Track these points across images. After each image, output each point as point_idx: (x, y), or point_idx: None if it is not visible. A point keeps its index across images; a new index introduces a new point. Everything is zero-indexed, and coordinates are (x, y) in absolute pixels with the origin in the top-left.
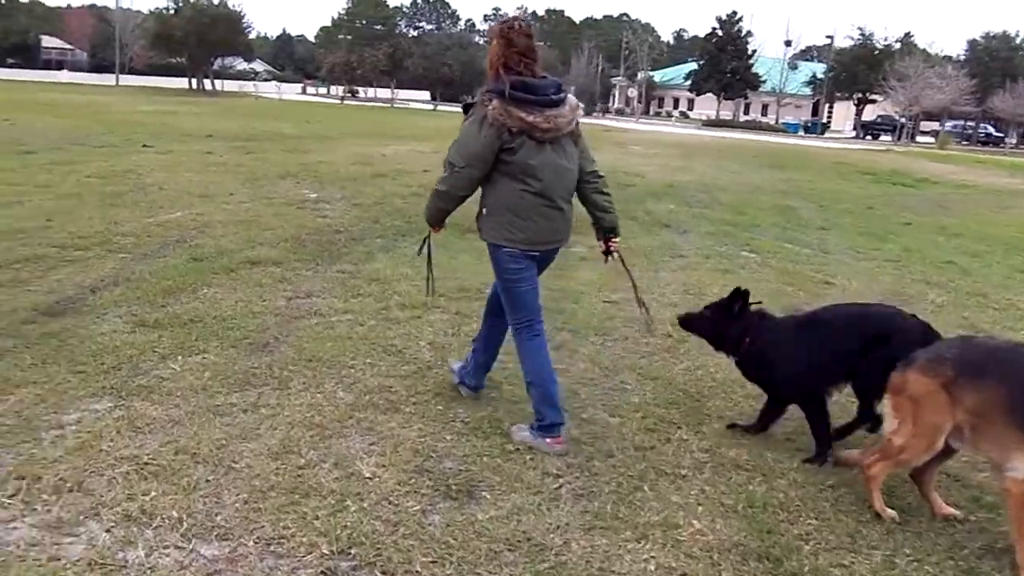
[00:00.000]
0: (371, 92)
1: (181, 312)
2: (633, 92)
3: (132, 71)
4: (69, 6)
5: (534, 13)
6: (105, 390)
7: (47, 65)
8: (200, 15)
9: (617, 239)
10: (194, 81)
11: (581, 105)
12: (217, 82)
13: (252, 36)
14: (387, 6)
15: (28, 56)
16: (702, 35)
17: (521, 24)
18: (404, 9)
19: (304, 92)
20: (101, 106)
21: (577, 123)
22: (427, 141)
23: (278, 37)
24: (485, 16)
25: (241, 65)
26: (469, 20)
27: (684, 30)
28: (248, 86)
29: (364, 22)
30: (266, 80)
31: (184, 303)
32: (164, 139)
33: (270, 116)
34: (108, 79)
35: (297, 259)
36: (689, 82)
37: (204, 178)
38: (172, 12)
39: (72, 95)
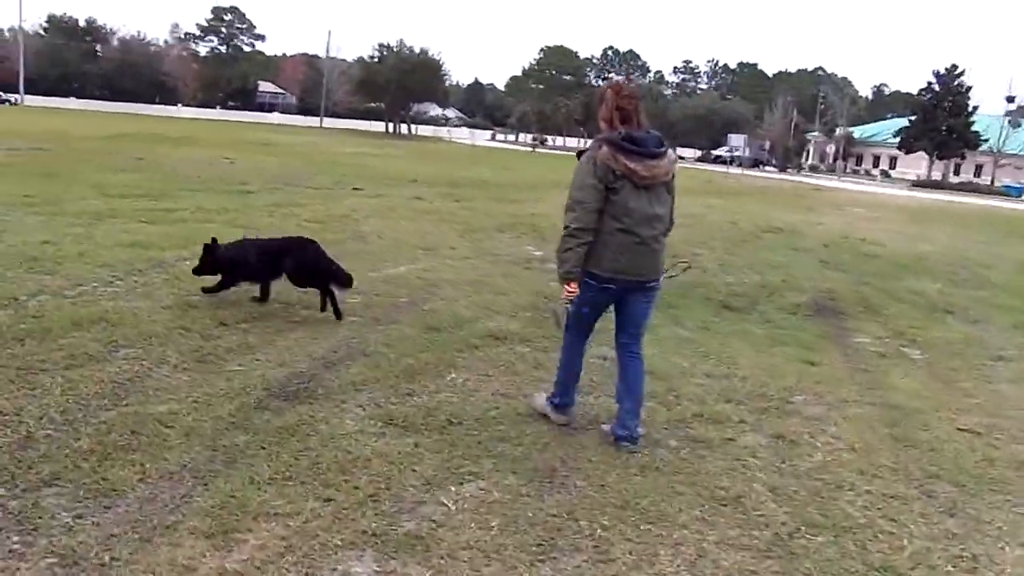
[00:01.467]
0: (559, 141)
1: (432, 405)
2: (831, 148)
3: (335, 114)
4: (284, 54)
5: (726, 66)
6: (366, 538)
7: (261, 107)
8: (402, 63)
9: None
10: (391, 125)
11: (678, 159)
12: (412, 126)
13: (448, 84)
14: (577, 57)
15: (246, 99)
16: (903, 90)
17: (628, 79)
18: (594, 60)
19: (493, 139)
20: (308, 147)
21: (673, 175)
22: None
23: (469, 85)
24: (675, 68)
25: (435, 111)
26: (658, 72)
27: (885, 84)
28: (442, 131)
29: (554, 72)
30: (457, 126)
31: (432, 391)
32: (371, 182)
33: (467, 161)
34: (313, 121)
35: (544, 335)
36: (898, 139)
37: (420, 227)
38: (377, 60)
39: (283, 136)
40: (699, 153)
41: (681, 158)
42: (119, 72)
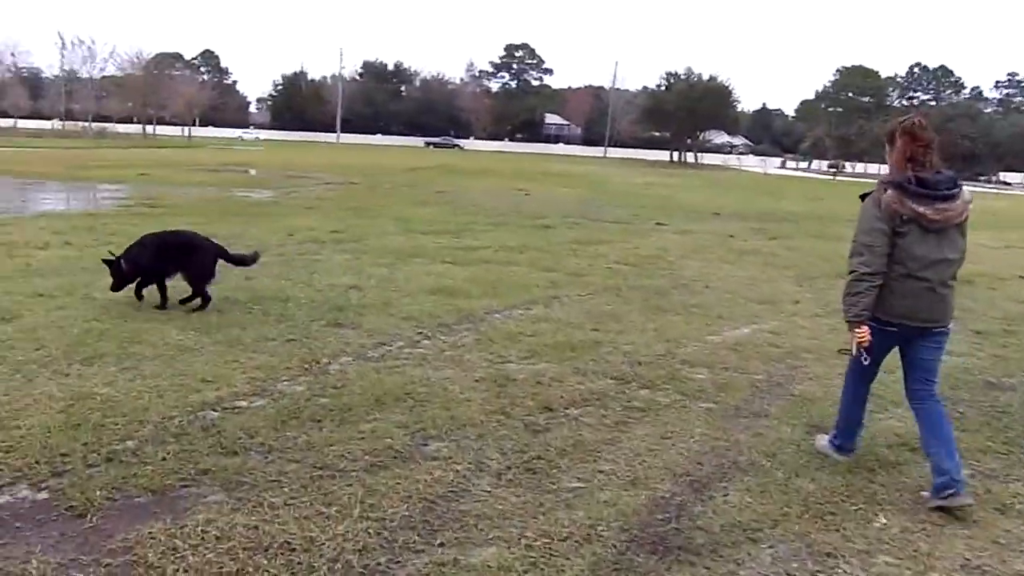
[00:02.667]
0: (859, 167)
1: None
2: None
3: (618, 143)
4: (570, 87)
5: None
6: None
7: (546, 139)
8: (691, 90)
9: None
10: (675, 154)
11: (971, 200)
12: (698, 154)
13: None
14: (878, 76)
15: (532, 131)
16: None
17: (922, 121)
18: (898, 79)
19: (783, 166)
20: (597, 176)
21: (966, 216)
22: (1002, 231)
23: (756, 111)
24: (997, 82)
25: (720, 139)
26: (976, 88)
27: None
28: (730, 159)
29: (851, 94)
30: (743, 153)
31: (863, 552)
32: (671, 215)
33: (765, 191)
34: (596, 151)
35: (990, 446)
36: None
37: (746, 273)
38: (664, 88)
39: (570, 166)
40: None
41: (1006, 184)
42: (420, 109)
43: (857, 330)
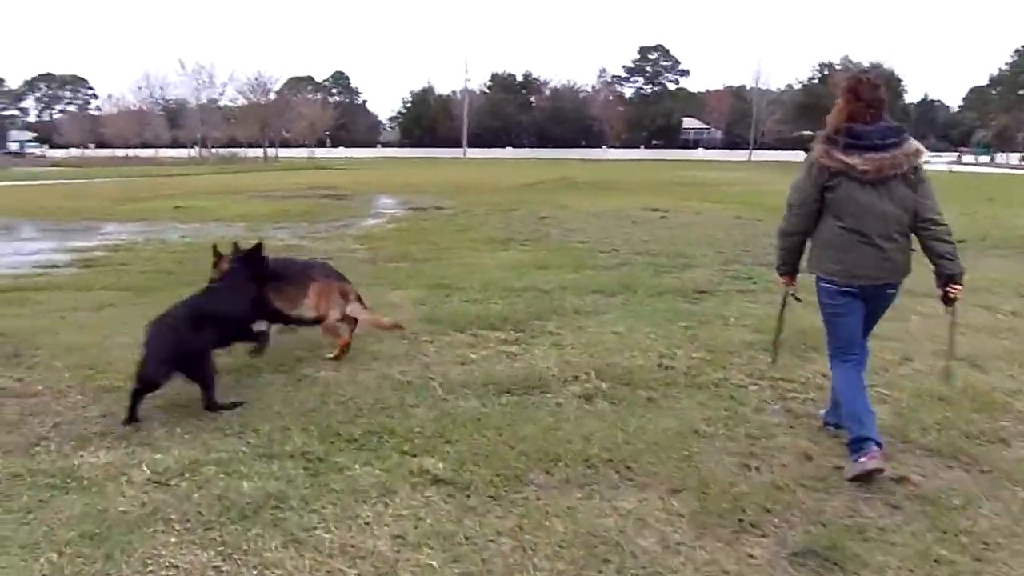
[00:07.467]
0: None
1: None
2: None
3: (763, 146)
4: (708, 89)
5: None
6: None
7: (684, 144)
8: None
9: (958, 287)
10: None
11: (923, 150)
12: None
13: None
14: None
15: (670, 137)
16: None
17: (869, 77)
18: None
19: (959, 161)
20: (748, 186)
21: (915, 168)
22: None
23: (918, 103)
24: None
25: None
26: None
27: None
28: None
29: None
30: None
31: None
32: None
33: (983, 196)
34: (740, 155)
35: None
36: None
37: None
38: (818, 81)
39: (715, 172)
40: None
41: None
42: (550, 120)
43: (782, 280)
